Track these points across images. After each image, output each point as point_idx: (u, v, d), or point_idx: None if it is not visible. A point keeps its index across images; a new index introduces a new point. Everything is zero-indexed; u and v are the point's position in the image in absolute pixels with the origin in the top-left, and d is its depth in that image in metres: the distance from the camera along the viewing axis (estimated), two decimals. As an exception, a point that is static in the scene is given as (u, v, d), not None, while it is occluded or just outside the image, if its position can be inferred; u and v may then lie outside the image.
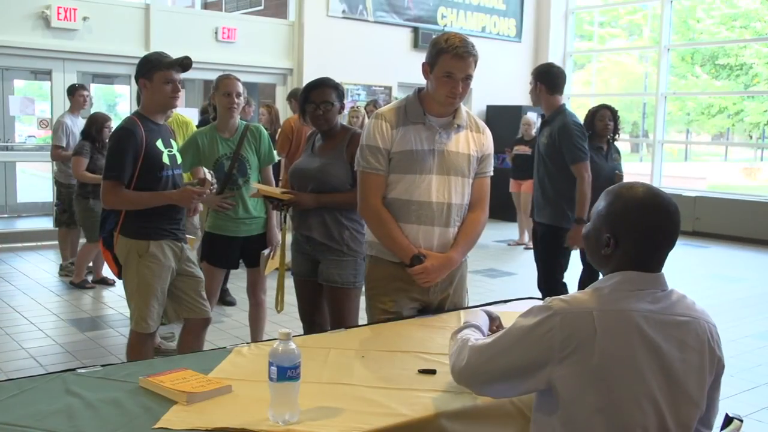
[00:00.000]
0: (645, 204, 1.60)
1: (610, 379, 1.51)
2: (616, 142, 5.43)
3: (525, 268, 5.74)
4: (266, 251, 4.05)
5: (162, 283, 3.28)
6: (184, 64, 3.21)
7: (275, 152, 4.09)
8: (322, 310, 3.39)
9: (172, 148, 3.33)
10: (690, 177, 15.40)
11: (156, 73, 3.17)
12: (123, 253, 3.27)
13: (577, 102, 13.83)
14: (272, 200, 3.33)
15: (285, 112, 9.04)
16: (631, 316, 1.55)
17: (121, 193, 3.15)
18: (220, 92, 3.92)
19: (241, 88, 3.93)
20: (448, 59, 2.58)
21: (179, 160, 3.41)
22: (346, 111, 9.57)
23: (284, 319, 5.09)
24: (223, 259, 4.06)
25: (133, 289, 3.27)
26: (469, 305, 2.91)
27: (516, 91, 11.95)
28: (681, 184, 12.98)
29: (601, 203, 1.68)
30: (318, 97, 3.27)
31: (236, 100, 3.89)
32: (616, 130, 5.33)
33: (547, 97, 4.41)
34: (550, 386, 1.56)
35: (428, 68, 2.66)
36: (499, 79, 11.79)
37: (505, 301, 2.94)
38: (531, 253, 4.54)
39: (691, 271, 8.04)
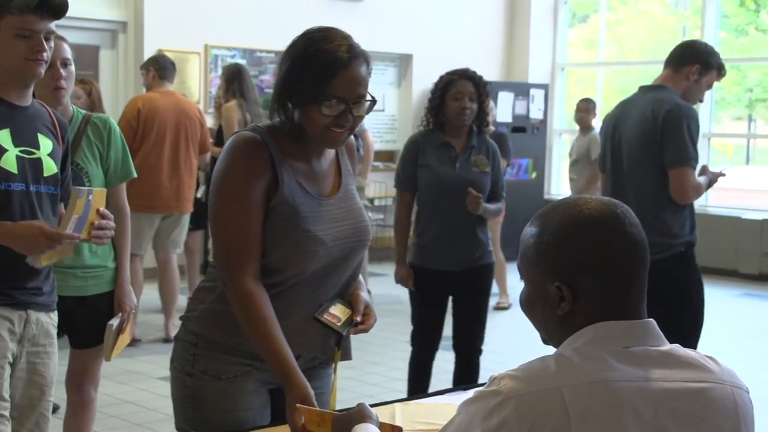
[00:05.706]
0: (594, 223, 1.47)
1: None
2: (487, 136, 4.65)
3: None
4: (114, 322, 3.63)
5: None
6: (55, 6, 2.76)
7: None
8: None
9: (33, 147, 2.94)
10: (754, 190, 13.49)
11: (5, 17, 2.70)
12: None
13: (577, 75, 11.76)
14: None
15: (125, 90, 8.35)
16: (617, 388, 1.42)
17: None
18: None
19: (68, 53, 3.63)
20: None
21: (49, 168, 3.01)
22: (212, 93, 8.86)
23: None
24: None
25: None
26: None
27: (482, 61, 10.34)
28: (740, 201, 10.97)
29: (527, 244, 1.51)
30: (351, 89, 2.36)
31: (62, 72, 3.52)
32: (482, 117, 4.36)
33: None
34: None
35: None
36: (460, 44, 10.33)
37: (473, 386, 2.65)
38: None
39: (756, 332, 7.36)
